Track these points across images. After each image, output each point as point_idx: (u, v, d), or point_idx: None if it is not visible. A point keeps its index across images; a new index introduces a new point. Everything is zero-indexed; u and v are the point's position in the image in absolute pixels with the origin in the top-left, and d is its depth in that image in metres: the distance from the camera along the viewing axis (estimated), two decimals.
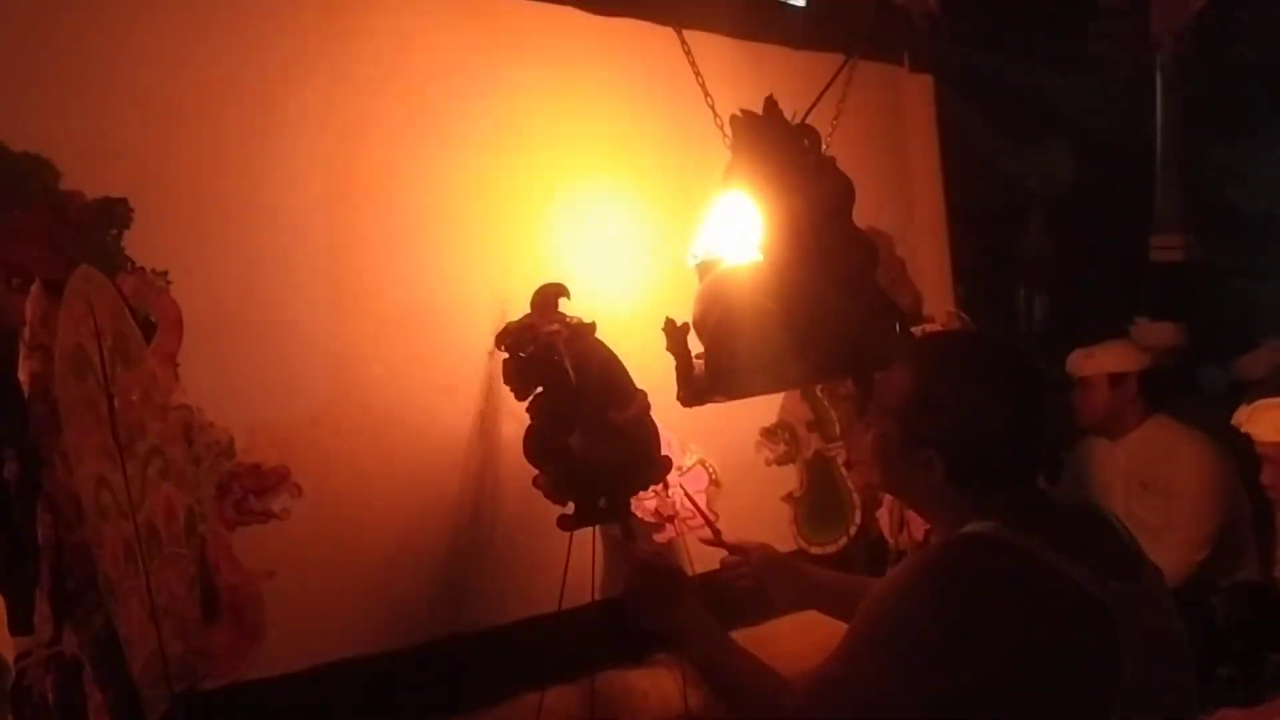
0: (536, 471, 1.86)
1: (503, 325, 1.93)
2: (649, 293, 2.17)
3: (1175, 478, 2.95)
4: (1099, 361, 3.08)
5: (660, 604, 1.59)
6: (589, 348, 1.87)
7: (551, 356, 1.84)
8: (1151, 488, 2.97)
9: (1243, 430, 2.70)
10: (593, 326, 1.89)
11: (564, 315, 1.91)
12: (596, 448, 1.84)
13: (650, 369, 1.92)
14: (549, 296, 1.93)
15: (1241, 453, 3.12)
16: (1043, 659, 1.19)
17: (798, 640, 1.98)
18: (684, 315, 1.85)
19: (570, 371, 1.82)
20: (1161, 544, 2.69)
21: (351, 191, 1.88)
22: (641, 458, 1.89)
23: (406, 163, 1.95)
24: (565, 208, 2.15)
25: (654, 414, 2.09)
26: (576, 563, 1.91)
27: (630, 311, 2.15)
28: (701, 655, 1.56)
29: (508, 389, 1.93)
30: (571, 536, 1.87)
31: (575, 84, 2.19)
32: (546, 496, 1.85)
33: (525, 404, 1.89)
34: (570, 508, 1.85)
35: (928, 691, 1.20)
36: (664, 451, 1.98)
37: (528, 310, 1.93)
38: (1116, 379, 3.06)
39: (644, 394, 1.90)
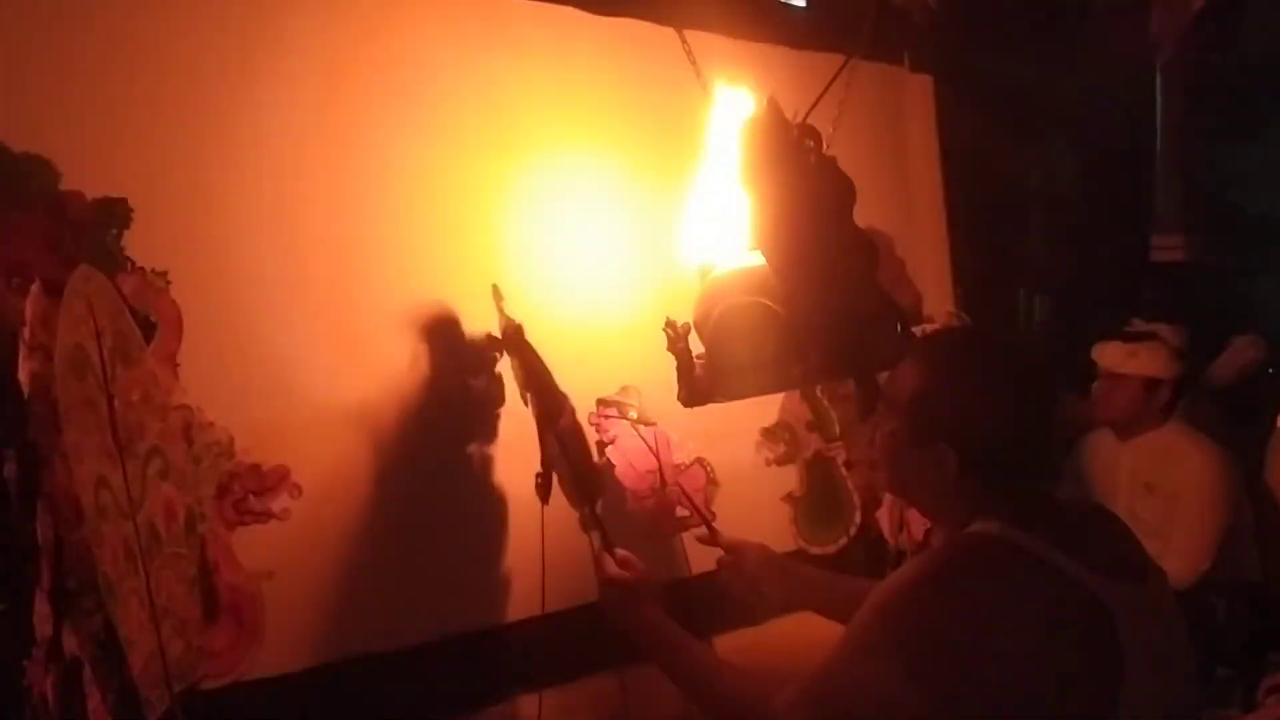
0: (538, 471, 1.86)
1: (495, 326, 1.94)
2: (649, 293, 2.17)
3: (1181, 484, 2.94)
4: (1142, 363, 3.04)
5: (619, 614, 1.60)
6: (524, 352, 1.86)
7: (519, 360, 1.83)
8: (1156, 491, 2.96)
9: None
10: (520, 328, 1.88)
11: (506, 317, 1.90)
12: (556, 457, 1.82)
13: (650, 369, 1.92)
14: (495, 297, 1.92)
15: (1242, 452, 3.12)
16: (1044, 660, 1.19)
17: (793, 641, 1.98)
18: (684, 315, 1.85)
19: (533, 376, 1.82)
20: (1165, 549, 2.69)
21: (351, 191, 1.88)
22: (579, 469, 1.86)
23: (406, 162, 1.95)
24: (566, 207, 2.16)
25: (655, 414, 2.11)
26: (567, 564, 1.91)
27: (630, 312, 2.16)
28: (666, 666, 1.56)
29: (508, 389, 1.94)
30: (543, 539, 1.87)
31: (575, 84, 2.19)
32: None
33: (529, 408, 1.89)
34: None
35: (929, 691, 1.19)
36: (658, 451, 1.98)
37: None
38: (1153, 384, 3.03)
39: (570, 403, 1.88)
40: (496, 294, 1.93)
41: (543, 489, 1.82)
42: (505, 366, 1.96)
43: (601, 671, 2.03)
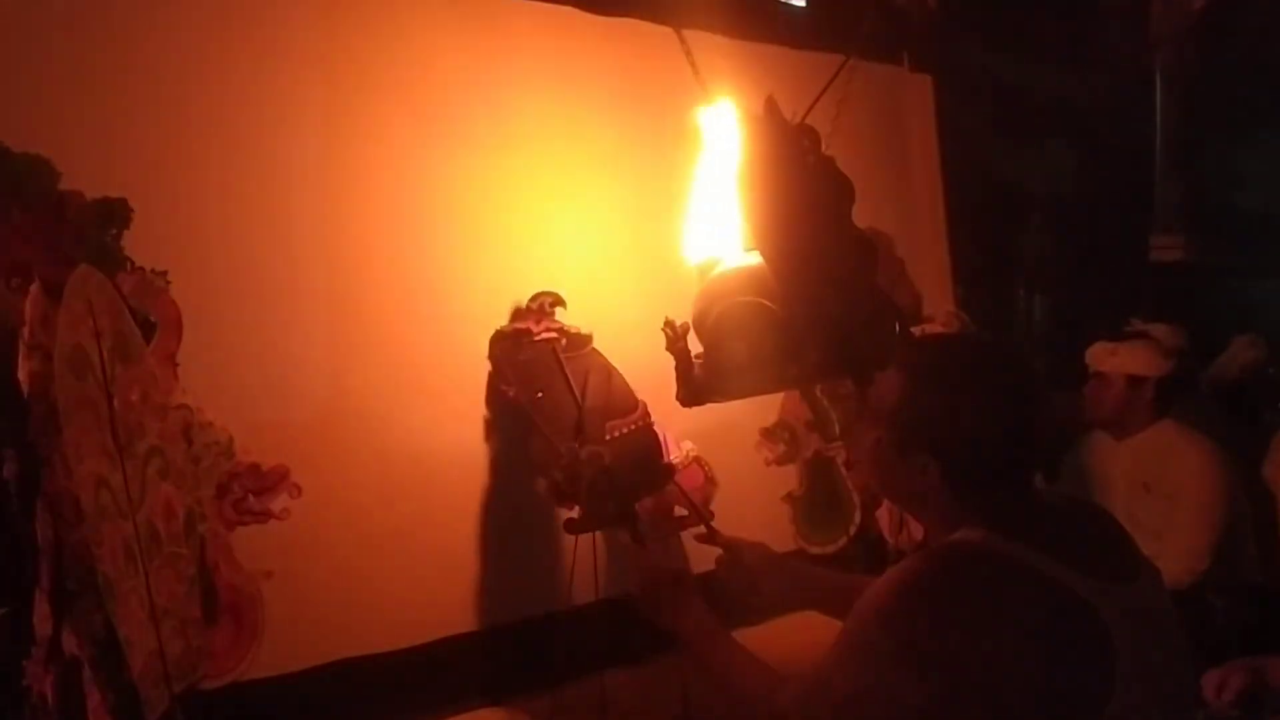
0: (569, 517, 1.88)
1: (497, 328, 1.94)
2: (648, 293, 2.17)
3: (1179, 483, 2.94)
4: (1121, 361, 3.04)
5: (666, 605, 1.62)
6: (587, 357, 1.89)
7: (548, 361, 1.85)
8: (1154, 490, 2.96)
9: None
10: (589, 337, 1.91)
11: (561, 324, 1.93)
12: (600, 455, 1.84)
13: (649, 369, 1.92)
14: (544, 305, 1.95)
15: (1242, 451, 3.12)
16: (1030, 665, 1.18)
17: (793, 641, 1.98)
18: (683, 315, 1.85)
19: (569, 378, 1.83)
20: (1163, 550, 2.68)
21: (350, 191, 1.88)
22: (644, 466, 1.89)
23: (405, 162, 1.95)
24: (564, 207, 2.16)
25: (654, 414, 2.10)
26: (573, 563, 1.91)
27: (629, 311, 2.15)
28: (703, 654, 1.58)
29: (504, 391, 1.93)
30: (577, 538, 1.87)
31: (575, 84, 2.20)
32: (549, 501, 1.85)
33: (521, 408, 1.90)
34: (575, 511, 1.85)
35: (908, 701, 1.20)
36: (665, 456, 1.99)
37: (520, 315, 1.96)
38: (1135, 381, 3.03)
39: (644, 405, 1.91)
40: (546, 301, 1.95)
41: (578, 523, 1.86)
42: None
43: (600, 670, 2.03)
